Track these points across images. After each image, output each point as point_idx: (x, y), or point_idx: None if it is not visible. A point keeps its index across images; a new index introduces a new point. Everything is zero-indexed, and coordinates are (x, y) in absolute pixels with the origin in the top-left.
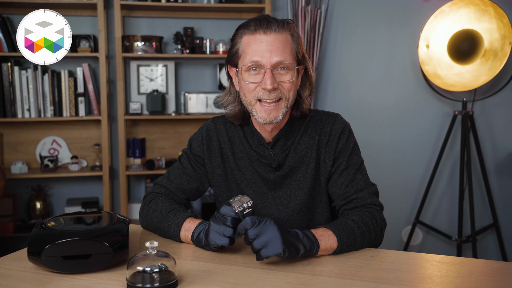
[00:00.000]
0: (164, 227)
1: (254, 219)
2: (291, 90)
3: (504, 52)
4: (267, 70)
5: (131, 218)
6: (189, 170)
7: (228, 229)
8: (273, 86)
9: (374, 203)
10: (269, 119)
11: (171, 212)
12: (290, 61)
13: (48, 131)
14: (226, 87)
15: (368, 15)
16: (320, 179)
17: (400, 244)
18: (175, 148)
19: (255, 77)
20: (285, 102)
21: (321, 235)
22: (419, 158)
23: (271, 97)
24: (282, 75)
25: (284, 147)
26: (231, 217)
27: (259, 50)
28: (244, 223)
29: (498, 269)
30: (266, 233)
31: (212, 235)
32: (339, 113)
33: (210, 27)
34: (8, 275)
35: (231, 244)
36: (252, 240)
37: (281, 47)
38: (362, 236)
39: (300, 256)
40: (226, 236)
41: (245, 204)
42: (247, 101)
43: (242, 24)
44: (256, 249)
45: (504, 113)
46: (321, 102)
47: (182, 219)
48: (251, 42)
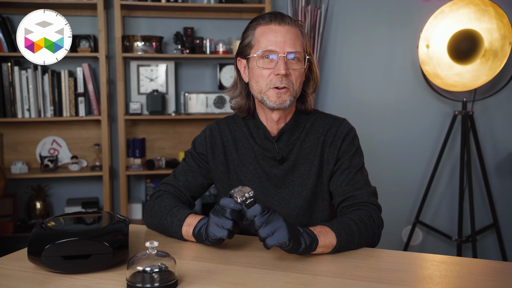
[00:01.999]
0: (167, 222)
1: (263, 207)
2: (298, 80)
3: (504, 52)
4: (281, 57)
5: (131, 218)
6: (194, 167)
7: (227, 221)
8: (286, 72)
9: (372, 202)
10: (278, 102)
11: (175, 208)
12: (301, 52)
13: (48, 131)
14: (233, 80)
15: (368, 15)
16: (323, 177)
17: (400, 244)
18: (175, 148)
19: (269, 64)
20: (293, 91)
21: (319, 232)
22: (419, 158)
23: (283, 83)
24: (293, 64)
25: (288, 141)
26: (230, 209)
27: (273, 39)
28: (254, 210)
29: (498, 269)
30: (273, 222)
31: (211, 227)
32: (346, 118)
33: (210, 27)
34: (8, 275)
35: (229, 237)
36: (258, 228)
37: (294, 38)
38: (360, 233)
39: (301, 251)
40: (225, 229)
41: (246, 194)
42: (258, 89)
43: (256, 17)
44: (262, 238)
45: (504, 113)
46: (321, 102)
47: (186, 214)
48: (265, 31)
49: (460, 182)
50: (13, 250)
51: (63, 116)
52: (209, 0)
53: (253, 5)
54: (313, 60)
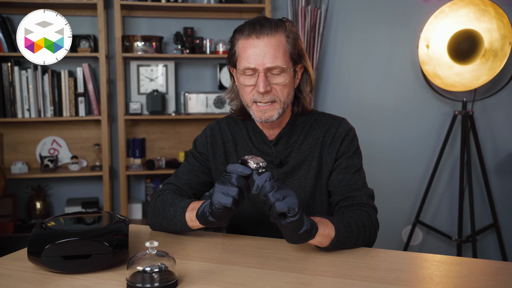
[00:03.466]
0: (170, 213)
1: (273, 173)
2: (284, 91)
3: (504, 52)
4: (260, 74)
5: (131, 218)
6: (196, 166)
7: (233, 188)
8: (266, 89)
9: (370, 204)
10: (264, 117)
11: (178, 200)
12: (282, 64)
13: (48, 131)
14: (229, 84)
15: (368, 15)
16: (322, 178)
17: (400, 244)
18: (175, 148)
19: (250, 80)
20: (280, 104)
21: (319, 221)
22: (419, 158)
23: (264, 99)
24: (276, 77)
25: (286, 145)
26: (237, 175)
27: (252, 56)
28: (265, 175)
29: (498, 269)
30: (283, 189)
31: (216, 195)
32: (345, 118)
33: (210, 27)
34: (8, 275)
35: (235, 205)
36: (269, 192)
37: (273, 51)
38: (358, 231)
39: (302, 233)
40: (230, 196)
41: (261, 163)
42: (245, 102)
43: (238, 27)
44: (271, 202)
45: (504, 113)
46: (321, 102)
47: (188, 202)
48: (245, 46)
49: (460, 182)
50: (13, 250)
51: (63, 116)
52: (209, 0)
53: (253, 5)
54: (305, 59)
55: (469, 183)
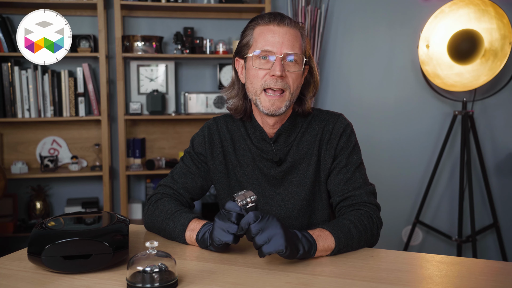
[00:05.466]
0: (169, 227)
1: (257, 214)
2: (296, 82)
3: (504, 52)
4: (277, 58)
5: (131, 218)
6: (192, 168)
7: (232, 225)
8: (282, 73)
9: (371, 202)
10: (272, 109)
11: (177, 213)
12: (299, 54)
13: (48, 131)
14: (231, 80)
15: (368, 15)
16: (321, 176)
17: (400, 244)
18: (175, 148)
19: (265, 64)
20: (289, 95)
21: (318, 236)
22: (419, 158)
23: (277, 85)
24: (290, 66)
25: (286, 142)
26: (235, 213)
27: (271, 40)
28: (248, 218)
29: (498, 269)
30: (269, 229)
31: (216, 232)
32: (342, 113)
33: (210, 27)
34: (8, 275)
35: (235, 241)
36: (254, 235)
37: (292, 40)
38: (359, 235)
39: (299, 257)
40: (231, 233)
41: (248, 199)
42: (253, 91)
43: (256, 16)
44: (259, 245)
45: (504, 113)
46: (321, 101)
47: (188, 219)
48: (264, 31)
49: (460, 182)
50: (13, 250)
51: (63, 116)
52: (209, 0)
53: (253, 5)
54: (313, 63)
55: (469, 183)
